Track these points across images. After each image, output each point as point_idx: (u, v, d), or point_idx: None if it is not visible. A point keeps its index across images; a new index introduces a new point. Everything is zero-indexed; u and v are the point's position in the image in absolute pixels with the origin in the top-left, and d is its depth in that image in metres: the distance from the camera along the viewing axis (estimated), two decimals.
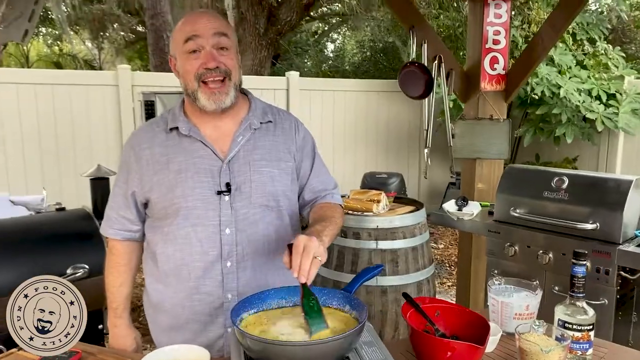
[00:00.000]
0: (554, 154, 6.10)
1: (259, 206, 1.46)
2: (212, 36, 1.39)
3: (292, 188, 1.54)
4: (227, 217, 1.43)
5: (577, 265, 1.32)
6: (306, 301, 1.17)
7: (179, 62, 1.44)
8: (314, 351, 1.04)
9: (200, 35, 1.38)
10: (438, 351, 1.21)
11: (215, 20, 1.43)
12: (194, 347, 1.25)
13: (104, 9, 11.48)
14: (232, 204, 1.43)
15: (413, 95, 3.28)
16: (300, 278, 1.18)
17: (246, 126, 1.49)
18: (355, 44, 11.90)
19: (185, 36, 1.39)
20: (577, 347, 1.31)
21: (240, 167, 1.45)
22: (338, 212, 1.55)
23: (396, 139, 6.79)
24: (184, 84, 1.44)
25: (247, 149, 1.47)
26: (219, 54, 1.39)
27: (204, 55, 1.39)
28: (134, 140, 1.51)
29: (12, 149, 4.84)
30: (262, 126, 1.52)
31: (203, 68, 1.39)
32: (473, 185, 3.41)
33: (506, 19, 3.29)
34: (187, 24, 1.41)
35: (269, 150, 1.50)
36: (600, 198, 2.38)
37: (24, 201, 2.59)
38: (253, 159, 1.47)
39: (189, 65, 1.40)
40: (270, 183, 1.47)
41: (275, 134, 1.53)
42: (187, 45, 1.39)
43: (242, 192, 1.44)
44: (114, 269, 1.56)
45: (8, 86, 4.81)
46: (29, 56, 15.02)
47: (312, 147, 1.62)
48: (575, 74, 5.12)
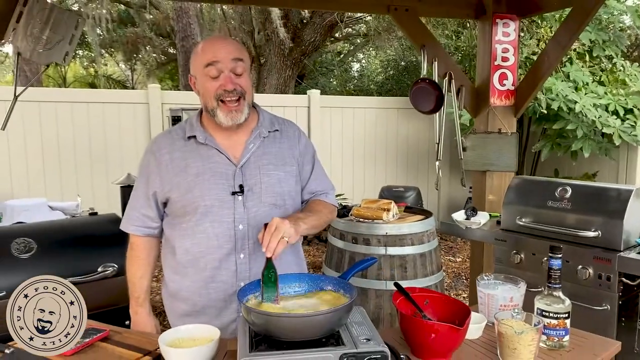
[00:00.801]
0: (574, 170, 6.12)
1: (268, 205, 1.64)
2: (230, 61, 1.57)
3: (296, 189, 1.72)
4: (240, 214, 1.61)
5: (553, 259, 1.44)
6: (267, 272, 1.37)
7: (199, 82, 1.62)
8: (309, 323, 1.20)
9: (220, 61, 1.56)
10: (423, 333, 1.35)
11: (232, 45, 1.61)
12: (206, 326, 1.41)
13: (137, 32, 11.95)
14: (244, 203, 1.61)
15: (424, 110, 3.43)
16: (267, 253, 1.38)
17: (256, 135, 1.67)
18: (379, 63, 12.10)
19: (207, 61, 1.57)
20: (554, 334, 1.43)
21: (252, 171, 1.63)
22: (327, 208, 1.74)
23: (415, 154, 6.92)
24: (204, 101, 1.63)
25: (257, 155, 1.66)
26: (235, 77, 1.58)
27: (223, 78, 1.57)
28: (154, 147, 1.69)
29: (50, 160, 5.20)
30: (270, 134, 1.71)
31: (222, 90, 1.57)
32: (484, 196, 3.52)
33: (514, 37, 3.43)
34: (208, 50, 1.59)
35: (276, 155, 1.68)
36: (601, 207, 2.46)
37: (61, 207, 2.83)
38: (262, 163, 1.65)
39: (210, 86, 1.58)
40: (277, 184, 1.65)
41: (281, 141, 1.72)
42: (208, 70, 1.57)
43: (253, 192, 1.62)
44: (135, 262, 1.75)
45: (48, 104, 5.17)
46: (66, 77, 15.72)
47: (312, 154, 1.80)
48: (592, 90, 5.18)
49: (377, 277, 2.79)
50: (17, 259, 2.20)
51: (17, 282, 2.09)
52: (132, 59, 14.37)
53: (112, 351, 1.39)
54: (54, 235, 2.38)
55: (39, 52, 2.64)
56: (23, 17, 2.62)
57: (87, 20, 9.60)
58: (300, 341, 1.21)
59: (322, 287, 1.42)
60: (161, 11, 11.10)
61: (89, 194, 5.19)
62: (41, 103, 5.14)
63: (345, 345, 1.21)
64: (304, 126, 6.27)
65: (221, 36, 1.81)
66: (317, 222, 1.63)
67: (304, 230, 1.53)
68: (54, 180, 5.21)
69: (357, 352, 1.18)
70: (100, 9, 10.03)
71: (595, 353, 1.42)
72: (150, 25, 11.87)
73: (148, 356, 1.37)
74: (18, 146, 5.06)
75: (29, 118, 5.08)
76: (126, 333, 1.53)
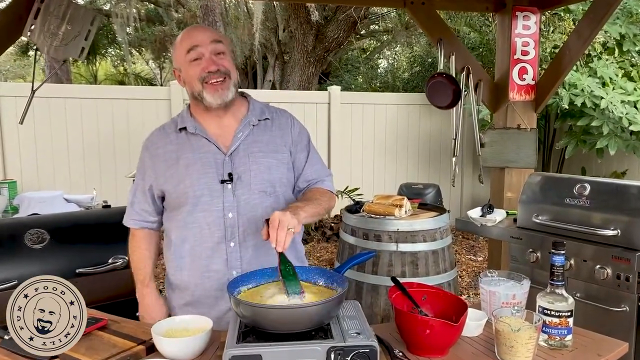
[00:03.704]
0: (602, 168, 5.95)
1: (258, 192, 1.64)
2: (209, 44, 1.59)
3: (288, 176, 1.71)
4: (230, 202, 1.61)
5: (556, 255, 1.39)
6: (283, 267, 1.34)
7: (183, 72, 1.64)
8: (296, 315, 1.19)
9: (199, 45, 1.59)
10: (418, 328, 1.32)
11: (209, 30, 1.65)
12: (200, 317, 1.41)
13: (165, 30, 12.12)
14: (234, 191, 1.61)
15: (440, 105, 3.38)
16: (277, 248, 1.35)
17: (246, 123, 1.67)
18: (405, 60, 11.99)
19: (187, 48, 1.60)
20: (556, 333, 1.38)
21: (241, 159, 1.63)
22: (326, 195, 1.72)
23: (436, 151, 6.82)
24: (190, 88, 1.64)
25: (247, 143, 1.66)
26: (217, 58, 1.60)
27: (205, 61, 1.59)
28: (148, 143, 1.73)
29: (74, 154, 5.33)
30: (260, 123, 1.70)
31: (205, 72, 1.58)
32: (502, 193, 3.44)
33: (535, 30, 3.34)
34: (186, 37, 1.62)
35: (267, 143, 1.68)
36: (621, 205, 2.38)
37: (76, 199, 2.89)
38: (252, 151, 1.65)
39: (193, 71, 1.60)
40: (267, 172, 1.65)
41: (272, 129, 1.72)
42: (189, 55, 1.59)
43: (242, 180, 1.62)
44: (136, 251, 1.79)
45: (73, 100, 5.30)
46: (97, 75, 16.10)
47: (307, 140, 1.79)
48: (621, 86, 5.01)
49: (388, 274, 2.76)
50: (30, 250, 2.25)
51: (29, 272, 2.15)
52: (161, 57, 14.60)
53: (108, 340, 1.41)
54: (66, 226, 2.42)
55: (55, 47, 2.70)
56: (40, 13, 2.67)
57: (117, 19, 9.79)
58: (288, 333, 1.20)
59: (316, 281, 1.40)
60: (188, 9, 11.23)
61: (112, 187, 5.30)
62: (67, 99, 5.28)
63: (334, 338, 1.20)
64: (324, 122, 6.25)
65: (197, 25, 1.84)
66: (316, 209, 1.61)
67: (304, 218, 1.51)
68: (78, 173, 5.34)
69: (345, 346, 1.17)
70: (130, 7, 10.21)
71: (599, 353, 1.36)
72: (178, 24, 12.03)
73: (142, 345, 1.37)
74: (45, 141, 5.20)
75: (55, 114, 5.22)
76: (124, 322, 1.54)
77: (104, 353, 1.32)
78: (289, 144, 1.73)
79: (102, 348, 1.35)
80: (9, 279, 2.14)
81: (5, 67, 16.14)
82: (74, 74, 14.36)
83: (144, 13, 12.23)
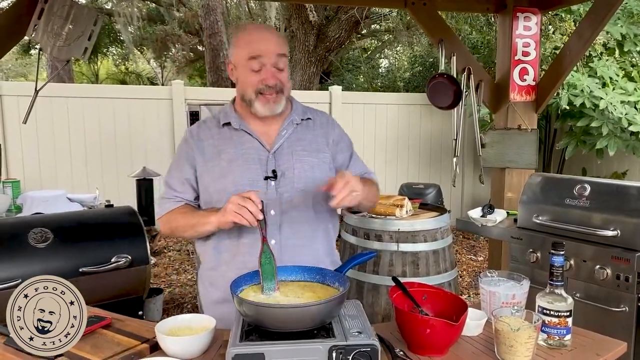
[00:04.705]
0: (602, 169, 5.95)
1: (301, 190, 1.64)
2: (274, 56, 1.58)
3: (329, 175, 1.68)
4: (273, 199, 1.61)
5: (555, 255, 1.40)
6: (263, 259, 1.36)
7: (239, 71, 1.63)
8: (298, 314, 1.20)
9: (264, 56, 1.57)
10: (418, 328, 1.33)
11: (276, 39, 1.61)
12: (203, 316, 1.43)
13: (166, 30, 12.14)
14: (277, 188, 1.62)
15: (441, 106, 3.39)
16: (333, 202, 1.44)
17: (289, 122, 1.69)
18: (406, 60, 11.99)
19: (250, 54, 1.58)
20: (555, 332, 1.39)
21: (284, 156, 1.65)
22: (375, 186, 1.77)
23: (438, 151, 6.84)
24: (242, 90, 1.64)
25: (290, 141, 1.67)
26: (277, 72, 1.60)
27: (265, 72, 1.58)
28: (188, 135, 1.72)
29: (76, 153, 5.37)
30: (302, 122, 1.72)
31: (263, 84, 1.58)
32: (502, 194, 3.45)
33: (536, 31, 3.35)
34: (251, 42, 1.59)
35: (310, 142, 1.70)
36: (620, 205, 2.39)
37: (79, 198, 2.90)
38: (295, 150, 1.67)
39: (250, 79, 1.59)
40: (310, 170, 1.66)
41: (314, 129, 1.74)
42: (250, 63, 1.58)
43: (286, 177, 1.63)
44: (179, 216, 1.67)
45: (75, 100, 5.33)
46: (99, 74, 16.12)
47: (348, 143, 1.82)
48: (622, 86, 5.01)
49: (389, 274, 2.77)
50: (34, 249, 2.27)
51: (33, 271, 2.18)
52: (162, 57, 14.63)
53: (112, 338, 1.42)
54: (69, 225, 2.44)
55: (59, 47, 2.71)
56: (44, 13, 2.69)
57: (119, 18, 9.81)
58: (291, 332, 1.21)
59: (321, 281, 1.41)
60: (189, 8, 11.25)
61: (113, 186, 5.32)
62: (69, 99, 5.30)
63: (335, 337, 1.21)
64: None
65: (265, 27, 1.77)
66: (370, 193, 1.64)
67: (362, 193, 1.51)
68: (80, 172, 5.36)
69: (347, 345, 1.18)
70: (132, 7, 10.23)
71: (598, 353, 1.37)
72: (179, 23, 12.05)
73: (146, 344, 1.39)
74: (46, 140, 5.22)
75: (58, 114, 5.24)
76: (127, 321, 1.55)
77: (108, 351, 1.33)
78: (330, 143, 1.75)
79: (107, 346, 1.36)
80: (12, 278, 2.16)
81: (7, 65, 16.17)
82: (76, 73, 14.40)
83: (146, 12, 12.24)
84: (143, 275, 2.52)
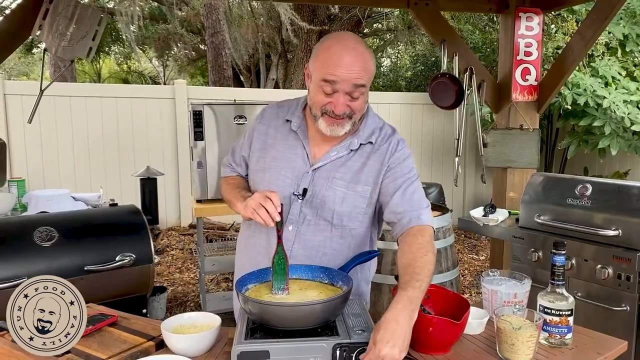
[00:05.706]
0: (604, 168, 5.96)
1: (324, 220, 1.55)
2: (350, 86, 1.43)
3: (366, 210, 1.57)
4: (294, 216, 1.55)
5: (556, 255, 1.42)
6: (276, 258, 1.36)
7: (311, 84, 1.50)
8: (303, 312, 1.22)
9: (339, 82, 1.42)
10: (421, 326, 1.34)
11: (358, 66, 1.43)
12: (208, 314, 1.45)
13: (168, 29, 12.15)
14: (302, 207, 1.55)
15: (443, 106, 3.40)
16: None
17: (345, 145, 1.56)
18: (408, 58, 11.99)
19: (325, 77, 1.42)
20: (556, 331, 1.41)
21: (321, 179, 1.55)
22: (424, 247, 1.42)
23: (440, 150, 6.84)
24: (310, 102, 1.52)
25: (334, 165, 1.56)
26: (350, 101, 1.45)
27: (336, 99, 1.44)
28: (260, 114, 1.69)
29: (79, 152, 5.38)
30: (360, 147, 1.57)
31: (330, 108, 1.46)
32: (504, 193, 3.47)
33: (538, 31, 3.36)
34: (331, 64, 1.42)
35: (355, 172, 1.55)
36: (622, 205, 2.41)
37: (83, 197, 2.92)
38: (334, 176, 1.55)
39: (320, 97, 1.46)
40: (339, 203, 1.54)
41: (369, 156, 1.57)
42: (324, 85, 1.43)
43: (312, 202, 1.54)
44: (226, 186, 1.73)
45: (78, 99, 5.34)
46: (101, 73, 16.15)
47: (407, 169, 1.59)
48: (624, 86, 5.02)
49: (391, 272, 2.79)
50: (40, 247, 2.28)
51: (38, 270, 2.19)
52: (164, 56, 14.64)
53: (118, 336, 1.44)
54: (74, 224, 2.46)
55: (63, 47, 2.73)
56: (49, 13, 2.71)
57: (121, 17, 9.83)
58: (295, 330, 1.23)
59: (323, 280, 1.43)
60: (192, 7, 11.25)
61: (116, 185, 5.34)
62: (72, 98, 5.31)
63: (339, 335, 1.23)
64: None
65: (350, 49, 1.45)
66: (428, 277, 1.35)
67: (420, 300, 1.30)
68: (83, 171, 5.38)
69: (351, 343, 1.20)
70: (134, 6, 10.24)
71: (599, 352, 1.39)
72: (181, 22, 12.05)
73: (152, 341, 1.41)
74: (50, 139, 5.24)
75: (61, 113, 5.26)
76: (133, 319, 1.57)
77: (115, 349, 1.35)
78: (383, 172, 1.56)
79: (113, 344, 1.38)
80: (18, 276, 2.17)
81: (9, 64, 16.21)
82: (78, 72, 14.42)
83: (148, 11, 12.25)
84: (147, 273, 2.53)
